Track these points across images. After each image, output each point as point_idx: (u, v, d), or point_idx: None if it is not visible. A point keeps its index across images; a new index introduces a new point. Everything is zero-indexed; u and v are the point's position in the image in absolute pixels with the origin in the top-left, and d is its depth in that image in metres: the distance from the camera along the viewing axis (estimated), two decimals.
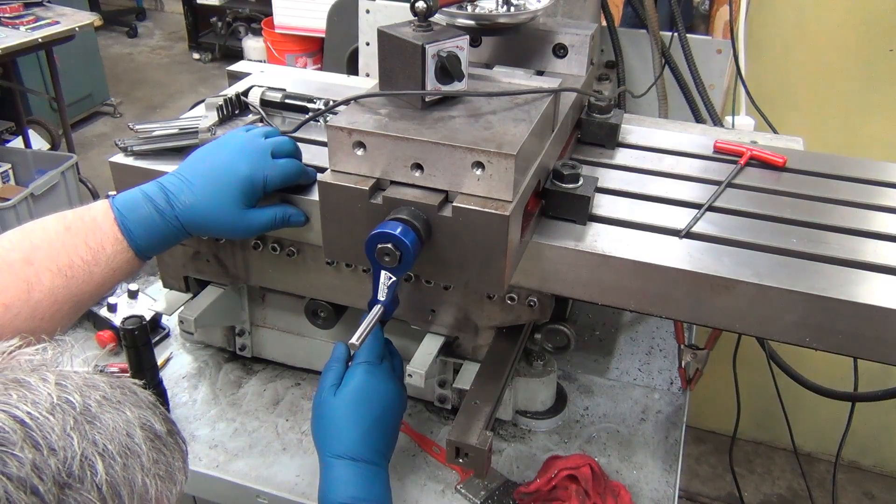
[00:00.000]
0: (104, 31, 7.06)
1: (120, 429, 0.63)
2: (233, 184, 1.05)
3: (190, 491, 1.34)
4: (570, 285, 1.10)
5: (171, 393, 1.41)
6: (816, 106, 2.36)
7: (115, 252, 1.00)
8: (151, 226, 1.03)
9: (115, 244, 1.00)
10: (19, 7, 3.95)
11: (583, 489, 1.21)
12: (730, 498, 2.87)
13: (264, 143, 1.10)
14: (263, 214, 1.10)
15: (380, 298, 1.02)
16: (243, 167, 1.06)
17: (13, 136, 4.32)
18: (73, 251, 0.98)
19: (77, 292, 0.98)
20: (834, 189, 1.24)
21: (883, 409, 2.08)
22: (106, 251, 1.00)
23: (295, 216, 1.13)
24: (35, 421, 0.58)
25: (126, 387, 0.68)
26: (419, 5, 1.04)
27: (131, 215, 1.02)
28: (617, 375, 1.53)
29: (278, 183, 1.09)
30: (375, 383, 1.12)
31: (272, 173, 1.08)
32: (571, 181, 1.12)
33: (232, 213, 1.05)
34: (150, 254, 1.05)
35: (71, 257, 0.97)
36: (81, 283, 0.98)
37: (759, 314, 1.01)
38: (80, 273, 0.98)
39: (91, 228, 1.00)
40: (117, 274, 1.02)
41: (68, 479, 0.57)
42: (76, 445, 0.59)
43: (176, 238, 1.06)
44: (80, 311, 1.02)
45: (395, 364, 1.20)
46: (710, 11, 2.05)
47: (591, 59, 1.35)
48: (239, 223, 1.07)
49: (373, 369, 1.13)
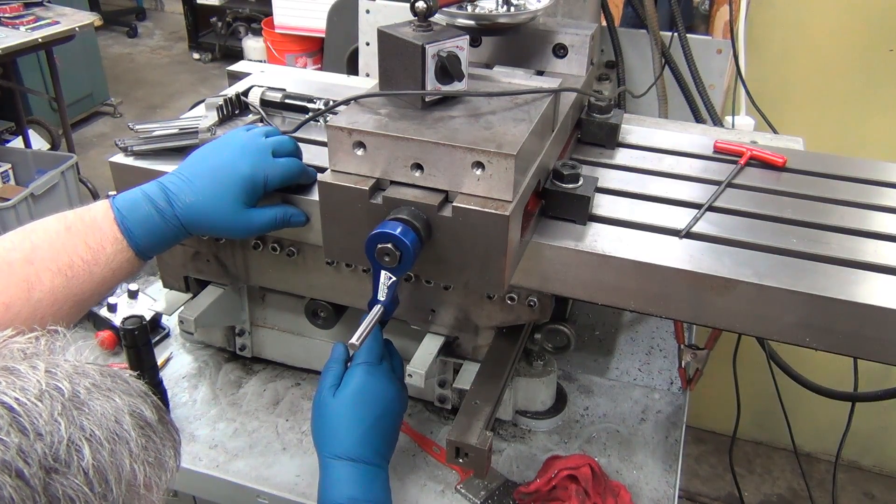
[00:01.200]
0: (104, 31, 7.06)
1: (109, 415, 0.63)
2: (234, 183, 1.05)
3: (190, 491, 1.34)
4: (570, 285, 1.10)
5: (171, 393, 1.41)
6: (816, 106, 2.36)
7: (115, 252, 1.00)
8: (151, 225, 1.03)
9: (115, 244, 1.01)
10: (19, 7, 3.95)
11: (583, 489, 1.20)
12: (730, 498, 2.87)
13: (265, 143, 1.10)
14: (264, 214, 1.09)
15: (380, 298, 1.02)
16: (244, 166, 1.06)
17: (13, 136, 4.32)
18: (74, 251, 0.98)
19: (77, 292, 0.98)
20: (834, 189, 1.24)
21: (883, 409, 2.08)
22: (106, 251, 1.00)
23: (296, 216, 1.13)
24: (23, 406, 0.58)
25: (117, 375, 0.69)
26: (419, 5, 1.04)
27: (131, 215, 1.02)
28: (617, 375, 1.53)
29: (279, 182, 1.09)
30: (375, 384, 1.12)
31: (273, 172, 1.08)
32: (571, 181, 1.12)
33: (233, 213, 1.05)
34: (150, 254, 1.05)
35: (71, 257, 0.98)
36: (82, 282, 0.98)
37: (759, 314, 1.01)
38: (80, 273, 0.98)
39: (91, 228, 1.00)
40: (117, 273, 1.02)
41: (55, 463, 0.58)
42: (63, 430, 0.59)
43: (176, 238, 1.06)
44: (82, 311, 1.02)
45: (395, 364, 1.20)
46: (710, 11, 2.05)
47: (591, 59, 1.35)
48: (239, 222, 1.07)
49: (372, 369, 1.13)
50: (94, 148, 5.35)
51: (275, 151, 1.10)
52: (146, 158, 1.25)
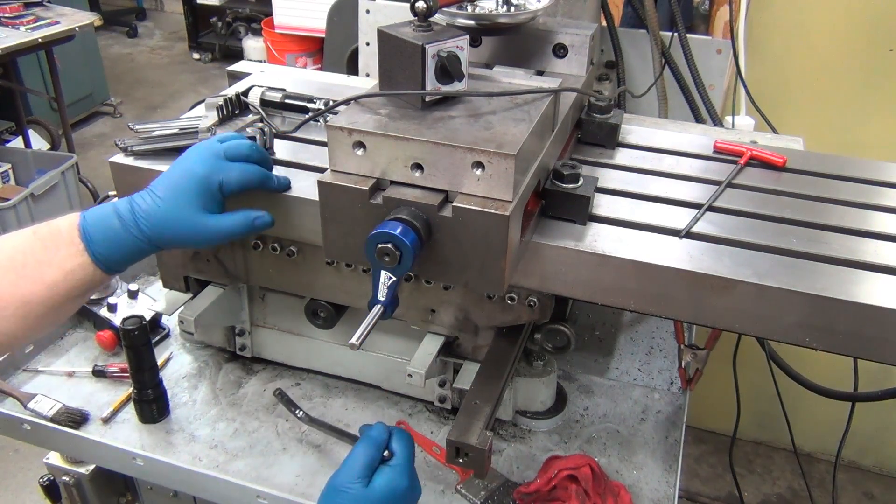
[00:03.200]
0: (104, 31, 7.07)
1: None
2: (189, 187, 1.04)
3: (190, 491, 1.34)
4: (570, 285, 1.10)
5: (171, 393, 1.41)
6: (816, 106, 2.36)
7: (69, 254, 1.00)
8: (112, 235, 1.02)
9: (70, 246, 1.00)
10: (19, 7, 3.95)
11: (583, 489, 1.21)
12: (730, 498, 2.87)
13: (217, 147, 1.09)
14: (225, 219, 1.07)
15: (380, 298, 1.02)
16: (198, 169, 1.05)
17: (13, 136, 4.32)
18: (30, 251, 0.99)
19: (26, 293, 0.98)
20: (834, 189, 1.24)
21: (883, 409, 2.09)
22: (60, 252, 1.00)
23: (261, 218, 1.10)
24: None
25: None
26: (419, 5, 1.04)
27: (95, 224, 1.02)
28: (617, 375, 1.53)
29: (236, 186, 1.07)
30: (406, 488, 1.06)
31: (228, 177, 1.06)
32: (571, 181, 1.12)
33: (191, 218, 1.04)
34: (114, 265, 1.03)
35: (26, 256, 0.99)
36: (31, 283, 0.98)
37: (759, 314, 1.01)
38: (31, 273, 0.98)
39: (53, 232, 1.01)
40: (70, 279, 1.00)
41: None
42: None
43: (141, 251, 1.05)
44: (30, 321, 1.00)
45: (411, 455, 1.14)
46: (710, 11, 2.05)
47: (591, 59, 1.35)
48: (200, 228, 1.05)
49: (406, 470, 1.07)
50: (94, 148, 5.35)
51: (227, 155, 1.08)
52: (146, 158, 1.25)
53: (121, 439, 1.32)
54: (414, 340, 1.30)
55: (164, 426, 1.36)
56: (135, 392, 1.34)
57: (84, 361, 1.50)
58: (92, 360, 1.49)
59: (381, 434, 1.09)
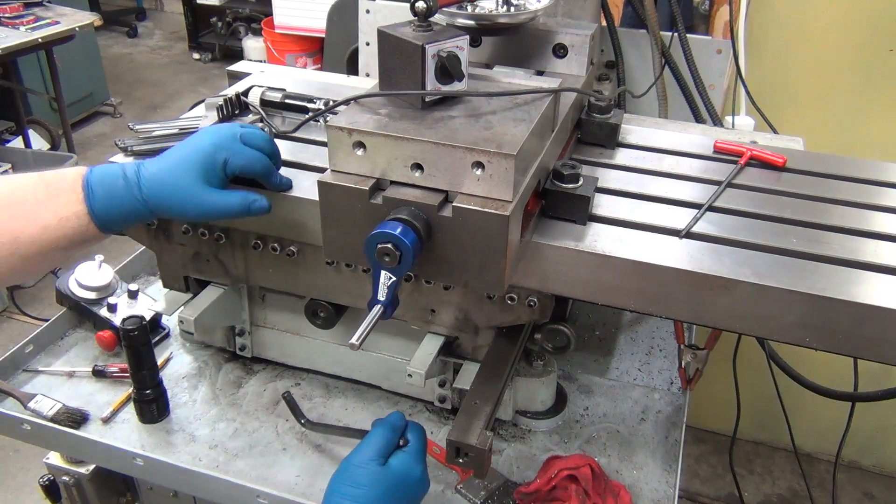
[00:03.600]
0: (104, 31, 7.07)
1: None
2: (195, 158, 1.06)
3: (190, 491, 1.34)
4: (570, 285, 1.10)
5: (171, 393, 1.41)
6: (816, 106, 2.36)
7: (67, 202, 1.02)
8: (113, 190, 1.04)
9: (70, 194, 1.02)
10: (19, 7, 3.95)
11: (583, 489, 1.21)
12: (730, 498, 2.87)
13: (236, 129, 1.12)
14: (223, 195, 1.09)
15: (380, 298, 1.02)
16: (207, 143, 1.08)
17: (13, 136, 4.32)
18: (31, 191, 1.01)
19: (16, 228, 0.99)
20: (834, 189, 1.24)
21: (883, 409, 2.08)
22: (59, 198, 1.01)
23: (258, 202, 1.11)
24: None
25: None
26: (419, 5, 1.04)
27: (99, 177, 1.04)
28: (617, 375, 1.53)
29: (239, 168, 1.09)
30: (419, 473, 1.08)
31: (234, 158, 1.08)
32: (571, 181, 1.12)
33: (190, 187, 1.06)
34: (107, 221, 1.04)
35: (26, 194, 1.01)
36: (24, 221, 1.00)
37: (759, 314, 1.01)
38: (27, 210, 1.00)
39: (57, 179, 1.03)
40: (64, 225, 1.01)
41: None
42: None
43: (137, 213, 1.06)
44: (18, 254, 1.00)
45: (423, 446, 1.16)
46: (710, 11, 2.05)
47: (591, 59, 1.35)
48: (197, 199, 1.06)
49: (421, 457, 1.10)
50: (94, 148, 5.35)
51: (243, 139, 1.11)
52: (146, 158, 1.25)
53: (121, 439, 1.32)
54: (414, 340, 1.30)
55: (164, 426, 1.36)
56: (135, 392, 1.34)
57: (84, 361, 1.50)
58: (92, 361, 1.50)
59: (399, 420, 1.13)
